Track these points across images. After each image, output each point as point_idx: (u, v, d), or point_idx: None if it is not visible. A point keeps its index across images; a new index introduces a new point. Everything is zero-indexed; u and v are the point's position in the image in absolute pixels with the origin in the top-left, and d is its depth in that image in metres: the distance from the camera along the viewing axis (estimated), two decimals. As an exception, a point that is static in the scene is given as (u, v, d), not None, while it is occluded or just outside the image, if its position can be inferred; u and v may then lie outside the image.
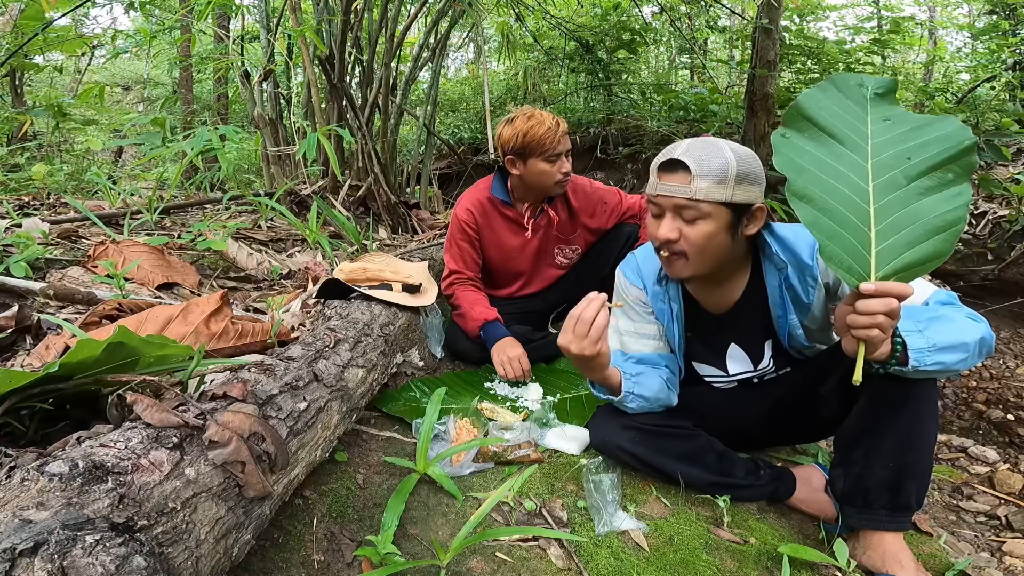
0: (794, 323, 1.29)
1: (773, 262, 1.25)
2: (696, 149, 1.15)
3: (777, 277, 1.27)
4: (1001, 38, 4.52)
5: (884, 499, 1.15)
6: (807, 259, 1.24)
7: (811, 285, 1.24)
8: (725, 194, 1.13)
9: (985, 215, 3.39)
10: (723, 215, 1.16)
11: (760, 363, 1.40)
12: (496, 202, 1.99)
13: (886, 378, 1.10)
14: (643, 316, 1.40)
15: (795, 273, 1.25)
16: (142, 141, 2.50)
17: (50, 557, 0.54)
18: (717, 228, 1.16)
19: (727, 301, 1.34)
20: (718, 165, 1.13)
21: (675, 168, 1.16)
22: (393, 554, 0.98)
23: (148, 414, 0.77)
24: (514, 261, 2.07)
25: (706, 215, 1.15)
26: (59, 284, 1.48)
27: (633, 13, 6.27)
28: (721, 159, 1.13)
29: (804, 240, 1.26)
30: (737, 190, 1.14)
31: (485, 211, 2.00)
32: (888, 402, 1.13)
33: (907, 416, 1.12)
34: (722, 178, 1.13)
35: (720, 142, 1.17)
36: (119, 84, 9.99)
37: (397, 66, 3.60)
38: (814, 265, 1.23)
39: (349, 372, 1.22)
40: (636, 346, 1.40)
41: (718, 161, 1.13)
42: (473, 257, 2.02)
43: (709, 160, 1.13)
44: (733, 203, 1.15)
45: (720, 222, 1.16)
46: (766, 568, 1.15)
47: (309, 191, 2.94)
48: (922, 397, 1.11)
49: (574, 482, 1.34)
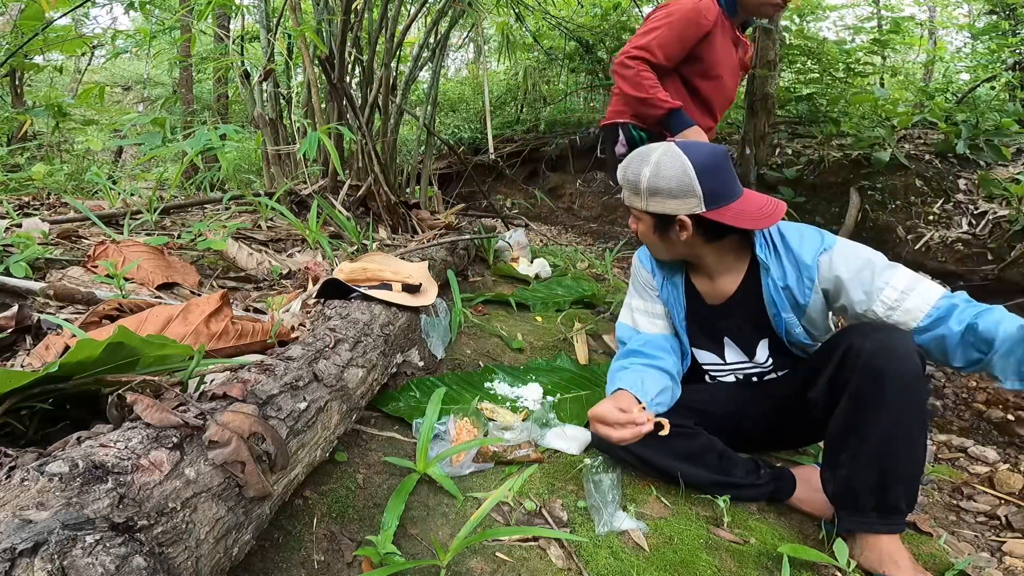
0: (791, 321, 1.30)
1: (761, 261, 1.30)
2: (631, 161, 1.31)
3: (768, 275, 1.30)
4: (1001, 38, 4.52)
5: (872, 502, 1.16)
6: (808, 260, 1.25)
7: (808, 287, 1.26)
8: (641, 204, 1.29)
9: (985, 215, 3.39)
10: (647, 220, 1.31)
11: (754, 358, 1.41)
12: (722, 13, 1.87)
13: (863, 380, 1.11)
14: (652, 298, 1.50)
15: (793, 273, 1.26)
16: (142, 141, 2.49)
17: (50, 557, 0.54)
18: (646, 229, 1.33)
19: (722, 293, 1.40)
20: (632, 179, 1.29)
21: None
22: (393, 554, 0.98)
23: (148, 414, 0.77)
24: (725, 79, 1.95)
25: (637, 217, 1.34)
26: (59, 284, 1.48)
27: (633, 13, 6.27)
28: (636, 174, 1.28)
29: (809, 241, 1.28)
30: (651, 202, 1.27)
31: (718, 17, 1.84)
32: (866, 405, 1.14)
33: (885, 419, 1.12)
34: (634, 190, 1.29)
35: (654, 155, 1.27)
36: (119, 84, 9.99)
37: (397, 66, 3.60)
38: (814, 267, 1.24)
39: (349, 372, 1.22)
40: (646, 325, 1.50)
41: (633, 175, 1.29)
42: (678, 53, 1.84)
43: (627, 174, 1.30)
44: (650, 212, 1.28)
45: (646, 224, 1.32)
46: (766, 568, 1.15)
47: (309, 191, 2.93)
48: (899, 399, 1.11)
49: (574, 482, 1.34)
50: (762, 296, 1.32)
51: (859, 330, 1.19)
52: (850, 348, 1.16)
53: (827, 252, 1.25)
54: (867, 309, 1.21)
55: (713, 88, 1.98)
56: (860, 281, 1.22)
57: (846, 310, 1.26)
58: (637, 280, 1.54)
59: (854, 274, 1.22)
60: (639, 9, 6.19)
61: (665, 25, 1.85)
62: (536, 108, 7.14)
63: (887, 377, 1.11)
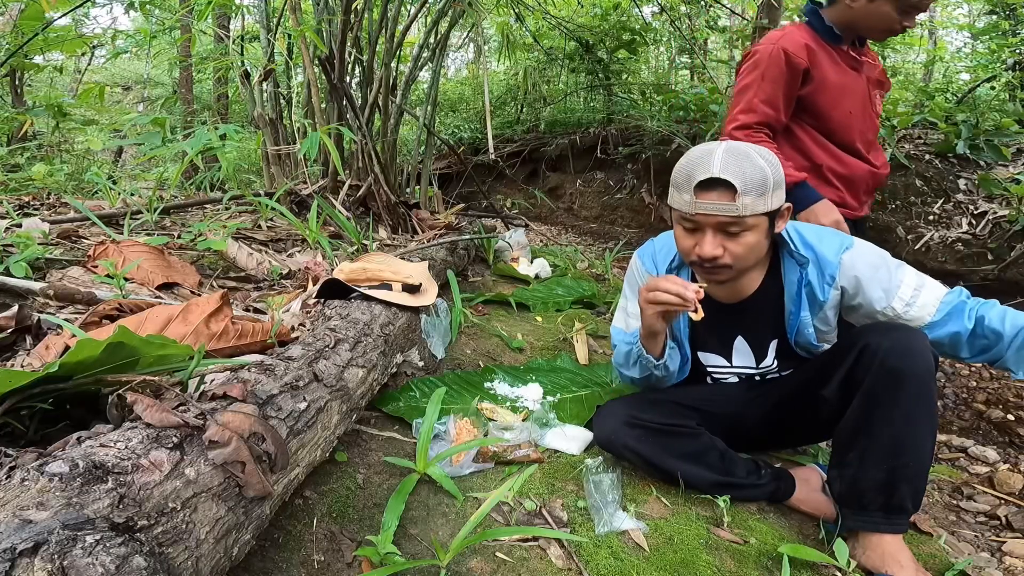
0: (805, 321, 1.30)
1: (795, 258, 1.28)
2: (732, 163, 1.13)
3: (798, 272, 1.28)
4: (1001, 38, 4.51)
5: (879, 501, 1.16)
6: (831, 257, 1.25)
7: (828, 283, 1.26)
8: (767, 205, 1.15)
9: (985, 215, 3.38)
10: (764, 223, 1.18)
11: (763, 361, 1.40)
12: (820, 41, 1.69)
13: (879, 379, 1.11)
14: None
15: (815, 270, 1.27)
16: (142, 141, 2.49)
17: (50, 557, 0.54)
18: (760, 237, 1.19)
19: (741, 293, 1.36)
20: (760, 178, 1.13)
21: (715, 186, 1.14)
22: (393, 554, 0.98)
23: (148, 414, 0.77)
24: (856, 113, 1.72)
25: (751, 227, 1.17)
26: (59, 284, 1.48)
27: (633, 13, 6.27)
28: (760, 171, 1.14)
29: (830, 239, 1.28)
30: (775, 197, 1.16)
31: (812, 51, 1.66)
32: (880, 404, 1.14)
33: (899, 418, 1.12)
34: (763, 191, 1.14)
35: (748, 149, 1.17)
36: (119, 84, 9.98)
37: (397, 66, 3.60)
38: (836, 264, 1.24)
39: (349, 372, 1.22)
40: None
41: (759, 174, 1.13)
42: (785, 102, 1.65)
43: (751, 174, 1.13)
44: (771, 211, 1.16)
45: (762, 231, 1.19)
46: (766, 568, 1.15)
47: (309, 191, 2.93)
48: (913, 399, 1.11)
49: (574, 482, 1.34)
50: (782, 294, 1.32)
51: (875, 329, 1.19)
52: (867, 347, 1.16)
53: (849, 251, 1.25)
54: (886, 306, 1.22)
55: (845, 128, 1.73)
56: (878, 279, 1.23)
57: (859, 308, 1.26)
58: (636, 284, 1.46)
59: (873, 272, 1.23)
60: (639, 9, 6.20)
61: (757, 76, 1.68)
62: (536, 108, 7.14)
63: (904, 376, 1.11)
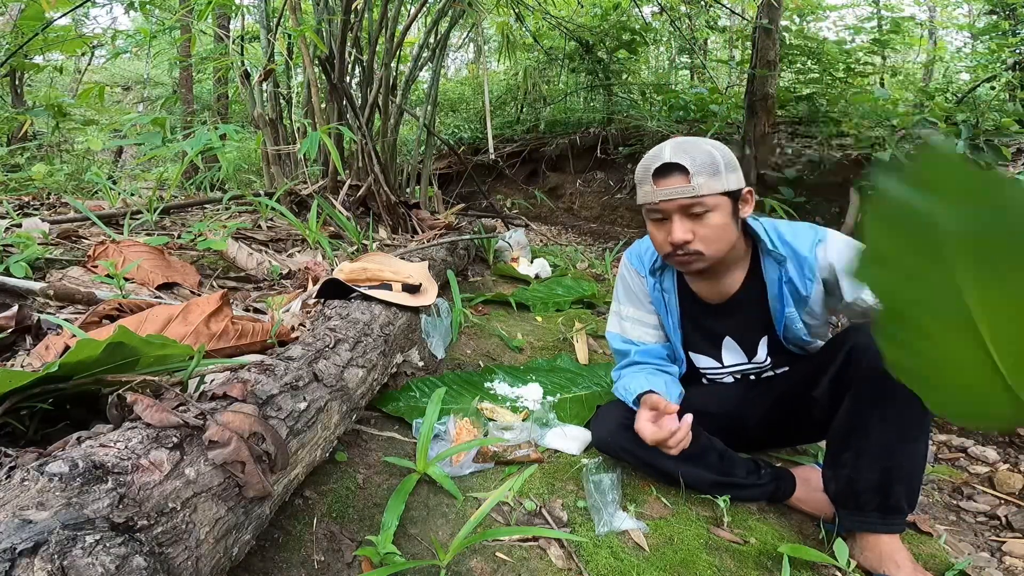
0: (792, 316, 1.30)
1: (773, 256, 1.28)
2: (680, 149, 1.20)
3: (777, 270, 1.29)
4: (1001, 38, 4.51)
5: (875, 501, 1.16)
6: (806, 252, 1.26)
7: (809, 278, 1.27)
8: (722, 184, 1.19)
9: (985, 215, 3.38)
10: (725, 204, 1.21)
11: (755, 357, 1.41)
12: None
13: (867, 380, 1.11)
14: (645, 305, 1.45)
15: (794, 266, 1.27)
16: (142, 141, 2.49)
17: (50, 557, 0.54)
18: (725, 219, 1.21)
19: (724, 292, 1.37)
20: (708, 159, 1.19)
21: (670, 171, 1.19)
22: (393, 554, 0.98)
23: (148, 414, 0.77)
24: None
25: (712, 208, 1.20)
26: (59, 284, 1.48)
27: (633, 13, 6.28)
28: (708, 154, 1.19)
29: (804, 234, 1.29)
30: (729, 177, 1.20)
31: None
32: (873, 404, 1.14)
33: (892, 418, 1.12)
34: (715, 170, 1.18)
35: (695, 138, 1.23)
36: (119, 84, 9.98)
37: (397, 66, 3.60)
38: (812, 258, 1.25)
39: (349, 372, 1.22)
40: (637, 333, 1.45)
41: (706, 156, 1.19)
42: None
43: (700, 156, 1.19)
44: (729, 191, 1.20)
45: (725, 211, 1.21)
46: (766, 568, 1.15)
47: (309, 191, 2.93)
48: (902, 400, 1.11)
49: (574, 482, 1.34)
50: (765, 292, 1.32)
51: (863, 329, 1.19)
52: (854, 348, 1.16)
53: (822, 243, 1.27)
54: (856, 297, 1.22)
55: None
56: None
57: (840, 300, 1.27)
58: (628, 286, 1.46)
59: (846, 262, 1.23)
60: (639, 9, 6.20)
61: None
62: (536, 108, 7.14)
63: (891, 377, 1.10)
